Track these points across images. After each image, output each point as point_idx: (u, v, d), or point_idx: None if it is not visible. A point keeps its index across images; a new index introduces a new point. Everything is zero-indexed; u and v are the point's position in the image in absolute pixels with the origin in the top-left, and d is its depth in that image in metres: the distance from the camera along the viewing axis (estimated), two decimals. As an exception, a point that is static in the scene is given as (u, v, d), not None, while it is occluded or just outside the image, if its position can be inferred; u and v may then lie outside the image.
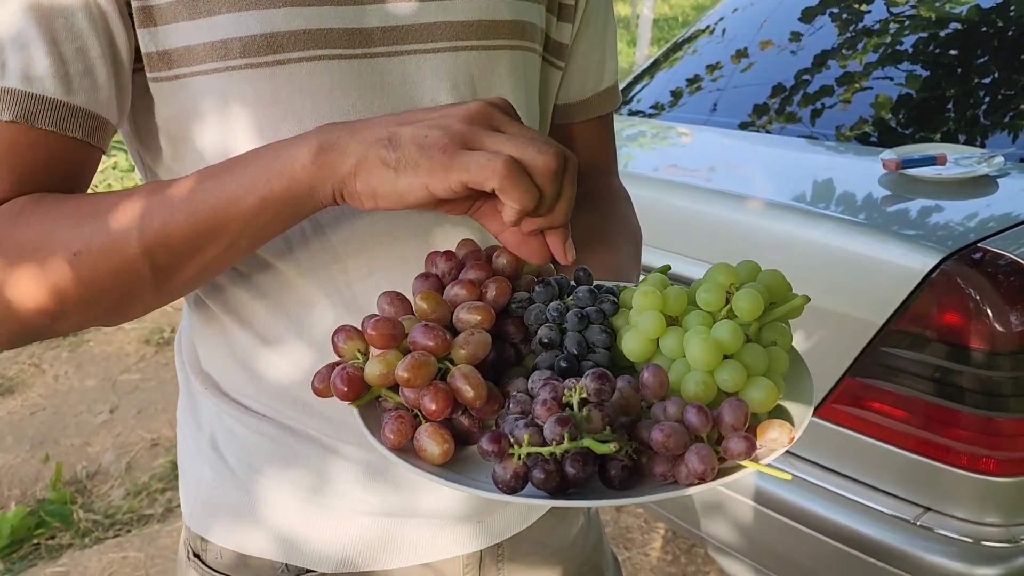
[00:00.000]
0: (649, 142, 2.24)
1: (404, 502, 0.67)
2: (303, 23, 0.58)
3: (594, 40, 0.80)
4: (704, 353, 0.48)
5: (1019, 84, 1.89)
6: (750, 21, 2.61)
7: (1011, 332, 1.18)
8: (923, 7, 2.29)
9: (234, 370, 0.67)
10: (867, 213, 1.41)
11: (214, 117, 0.59)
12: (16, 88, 0.55)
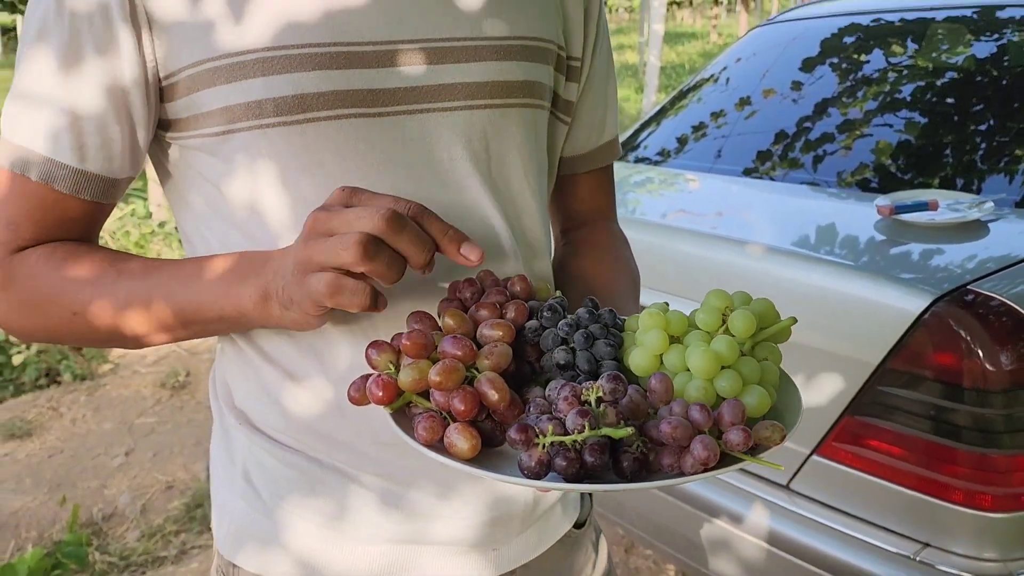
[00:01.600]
0: (655, 188, 2.30)
1: (420, 530, 0.72)
2: (331, 85, 0.65)
3: (597, 98, 0.87)
4: (704, 363, 0.54)
5: (1012, 131, 1.95)
6: (753, 70, 2.70)
7: (1001, 371, 1.22)
8: (920, 57, 2.36)
9: (265, 406, 0.72)
10: (862, 257, 1.47)
11: (249, 170, 0.66)
12: (42, 153, 0.65)
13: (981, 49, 2.29)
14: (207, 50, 0.64)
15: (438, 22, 0.69)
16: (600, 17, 0.85)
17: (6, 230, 0.67)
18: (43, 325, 0.69)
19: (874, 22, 2.60)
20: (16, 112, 0.66)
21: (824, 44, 2.60)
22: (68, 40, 0.64)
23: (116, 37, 0.64)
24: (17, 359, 3.42)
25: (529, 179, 0.75)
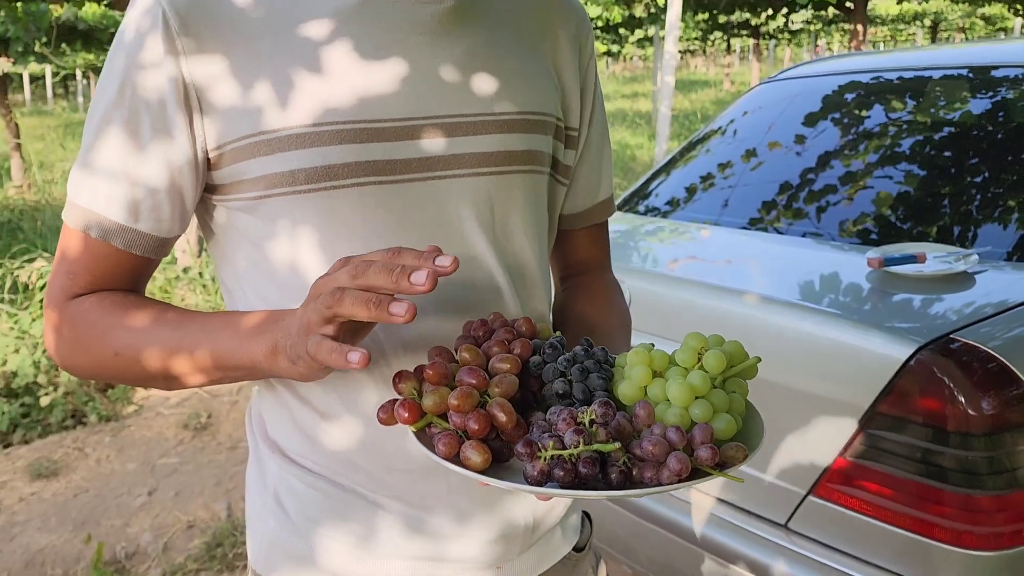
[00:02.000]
0: (664, 239, 2.40)
1: (435, 549, 0.80)
2: (355, 156, 0.74)
3: (593, 162, 0.97)
4: (681, 393, 0.64)
5: (1005, 183, 2.04)
6: (759, 123, 2.80)
7: (983, 415, 1.29)
8: (919, 113, 2.46)
9: (295, 437, 0.82)
10: (853, 307, 1.55)
11: (281, 229, 0.76)
12: (103, 215, 0.76)
13: (976, 106, 2.39)
14: (250, 127, 0.74)
15: (450, 101, 0.78)
16: (595, 92, 0.95)
17: (66, 278, 0.79)
18: (89, 362, 0.79)
19: (874, 80, 2.71)
20: (82, 180, 0.77)
21: (825, 100, 2.71)
22: (129, 122, 0.75)
23: (172, 121, 0.74)
24: (44, 401, 3.53)
25: (529, 236, 0.84)
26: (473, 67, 0.80)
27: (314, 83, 0.74)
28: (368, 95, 0.75)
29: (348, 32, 0.76)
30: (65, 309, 0.79)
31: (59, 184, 8.96)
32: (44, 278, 4.21)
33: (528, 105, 0.83)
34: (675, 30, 6.00)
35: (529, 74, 0.85)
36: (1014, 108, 2.29)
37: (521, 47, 0.85)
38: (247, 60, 0.74)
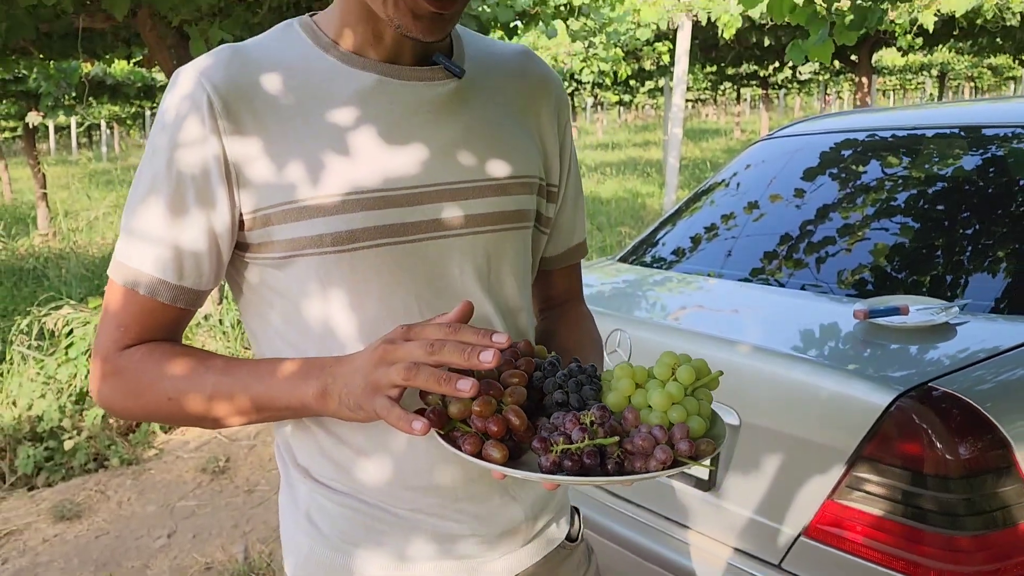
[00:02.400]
0: (669, 289, 2.49)
1: (448, 549, 0.94)
2: (373, 222, 0.87)
3: (569, 212, 1.12)
4: (661, 399, 0.79)
5: (994, 236, 2.14)
6: (761, 176, 2.91)
7: (959, 460, 1.38)
8: (912, 169, 2.57)
9: (322, 462, 0.94)
10: (840, 356, 1.64)
11: (306, 285, 0.88)
12: (150, 273, 0.87)
13: (967, 163, 2.50)
14: (282, 197, 0.86)
15: (453, 169, 0.92)
16: (571, 153, 1.10)
17: (116, 331, 0.89)
18: (141, 407, 0.90)
19: (869, 137, 2.83)
20: (130, 243, 0.88)
21: (823, 156, 2.83)
22: (175, 193, 0.86)
23: (214, 192, 0.86)
24: (68, 444, 3.64)
25: (516, 280, 0.98)
26: (471, 139, 0.93)
27: (338, 159, 0.86)
28: (384, 168, 0.88)
29: (366, 112, 0.88)
30: (117, 360, 0.89)
31: (84, 232, 9.18)
32: (69, 325, 4.35)
33: (518, 170, 0.97)
34: (682, 84, 6.17)
35: (517, 142, 0.98)
36: (1001, 165, 2.39)
37: (509, 120, 0.99)
38: (279, 139, 0.86)
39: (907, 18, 6.12)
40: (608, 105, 29.73)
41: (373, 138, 0.88)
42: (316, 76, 0.89)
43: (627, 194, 11.44)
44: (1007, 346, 1.60)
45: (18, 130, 18.62)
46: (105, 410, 0.95)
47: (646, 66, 10.28)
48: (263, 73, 0.88)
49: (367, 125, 0.88)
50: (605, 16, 4.64)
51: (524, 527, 0.99)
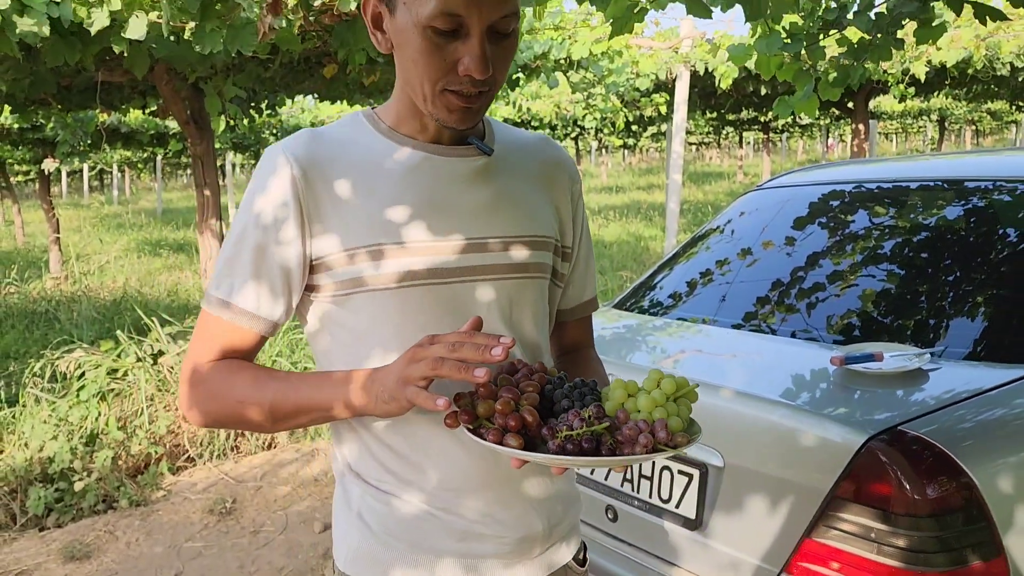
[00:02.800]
0: (665, 336, 2.59)
1: (479, 549, 1.13)
2: (418, 266, 1.09)
3: (580, 272, 1.33)
4: (647, 403, 0.97)
5: (974, 284, 2.24)
6: (755, 224, 3.02)
7: (926, 499, 1.46)
8: (897, 219, 2.68)
9: (373, 466, 1.14)
10: (817, 400, 1.73)
11: (362, 317, 1.10)
12: (233, 303, 1.09)
13: (949, 213, 2.60)
14: (343, 244, 1.08)
15: (482, 227, 1.13)
16: (583, 221, 1.32)
17: (204, 349, 1.11)
18: (217, 408, 1.11)
19: (855, 189, 2.94)
20: (222, 278, 1.10)
21: (812, 207, 2.94)
22: (261, 241, 1.08)
23: (291, 241, 1.08)
24: (79, 486, 3.72)
25: (535, 322, 1.19)
26: (498, 204, 1.16)
27: (390, 216, 1.09)
28: (427, 224, 1.11)
29: (414, 181, 1.11)
30: (202, 371, 1.11)
31: (95, 276, 9.33)
32: (81, 368, 4.46)
33: (536, 230, 1.19)
34: (680, 132, 6.33)
35: (536, 209, 1.20)
36: (980, 217, 2.50)
37: (530, 191, 1.21)
38: (344, 200, 1.09)
39: (899, 68, 6.31)
40: (612, 148, 30.07)
41: (419, 200, 1.11)
42: (375, 153, 1.12)
43: (630, 237, 11.58)
44: (975, 391, 1.69)
45: (31, 173, 18.93)
46: (188, 416, 1.14)
47: (647, 113, 10.49)
48: (334, 150, 1.12)
49: (414, 190, 1.11)
50: (604, 68, 4.81)
51: (540, 538, 1.17)
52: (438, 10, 1.00)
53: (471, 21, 1.01)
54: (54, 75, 3.59)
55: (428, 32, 1.02)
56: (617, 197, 18.59)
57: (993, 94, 9.52)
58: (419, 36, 1.03)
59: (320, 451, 4.24)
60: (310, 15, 2.71)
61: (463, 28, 1.02)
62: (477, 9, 1.00)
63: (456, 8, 1.00)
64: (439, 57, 1.03)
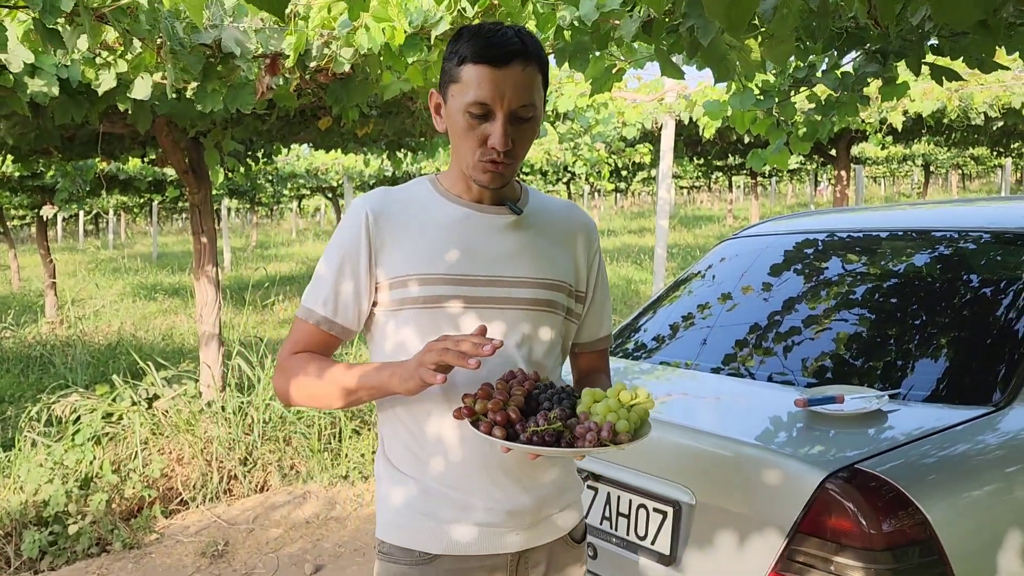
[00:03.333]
0: (640, 381, 2.69)
1: (479, 518, 1.43)
2: (450, 292, 1.42)
3: (596, 313, 1.62)
4: (603, 409, 1.26)
5: (938, 327, 2.35)
6: (734, 269, 3.14)
7: (882, 534, 1.56)
8: (868, 267, 2.80)
9: (399, 452, 1.48)
10: (782, 440, 1.84)
11: (405, 327, 1.44)
12: (316, 310, 1.47)
13: (917, 261, 2.73)
14: (399, 271, 1.43)
15: (509, 269, 1.46)
16: (600, 271, 1.61)
17: (291, 344, 1.49)
18: (299, 386, 1.45)
19: (828, 238, 3.07)
20: (312, 291, 1.48)
21: (786, 255, 3.06)
22: (343, 265, 1.45)
23: (361, 266, 1.44)
24: (73, 529, 3.77)
25: (545, 349, 1.49)
26: (523, 252, 1.48)
27: (437, 254, 1.44)
28: (466, 263, 1.44)
29: (456, 230, 1.46)
30: (290, 359, 1.48)
31: (91, 320, 9.40)
32: (77, 412, 4.53)
33: (553, 274, 1.50)
34: (667, 179, 6.50)
35: (556, 258, 1.52)
36: (946, 265, 2.63)
37: (553, 242, 1.53)
38: (403, 240, 1.45)
39: (877, 117, 6.53)
40: (604, 192, 30.41)
41: (460, 244, 1.45)
42: (431, 207, 1.48)
43: (621, 281, 11.72)
44: (930, 431, 1.80)
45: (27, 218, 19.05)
46: (277, 394, 1.50)
47: (636, 159, 10.72)
48: (400, 203, 1.48)
49: (457, 236, 1.45)
50: (591, 119, 4.99)
51: (529, 512, 1.46)
52: (473, 100, 1.36)
53: (496, 108, 1.37)
54: (59, 129, 3.73)
55: (466, 116, 1.38)
56: (608, 241, 18.80)
57: (973, 141, 9.77)
58: (461, 118, 1.39)
59: (312, 493, 4.30)
60: (306, 74, 2.86)
61: (491, 113, 1.37)
62: (501, 100, 1.36)
63: (485, 99, 1.36)
64: (474, 134, 1.39)
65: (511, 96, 1.36)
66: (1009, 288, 2.31)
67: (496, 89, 1.35)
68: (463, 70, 1.37)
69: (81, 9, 1.82)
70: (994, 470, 1.79)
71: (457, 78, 1.39)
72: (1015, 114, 6.46)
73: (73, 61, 2.57)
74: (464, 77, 1.37)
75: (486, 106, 1.36)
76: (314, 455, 4.53)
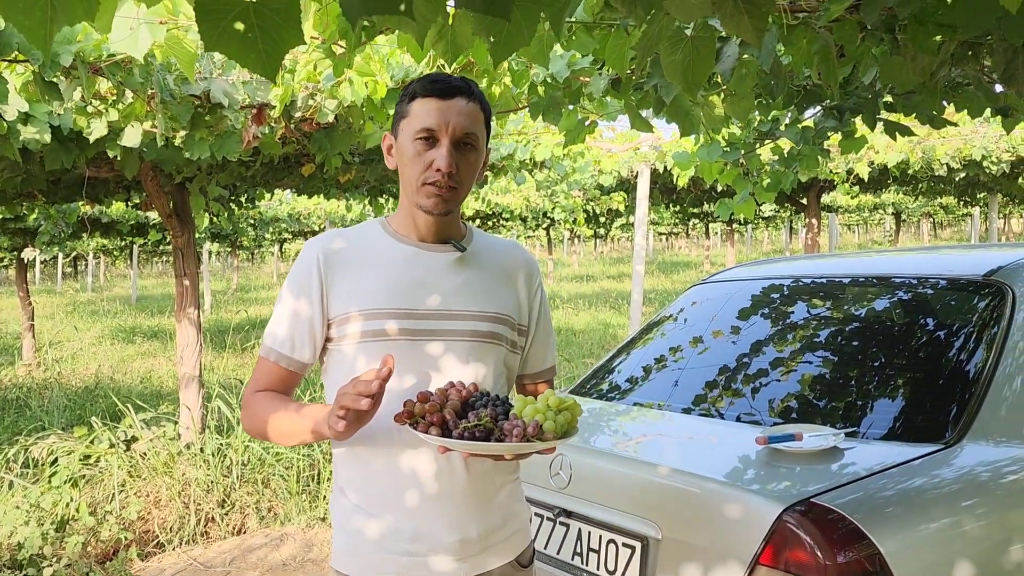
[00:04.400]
0: (609, 421, 2.77)
1: (424, 547, 1.50)
2: (394, 326, 1.50)
3: (540, 345, 1.72)
4: (531, 411, 1.38)
5: (896, 368, 2.46)
6: (705, 313, 3.24)
7: (836, 565, 1.64)
8: (834, 311, 2.91)
9: (354, 485, 1.55)
10: (742, 476, 1.92)
11: (352, 359, 1.52)
12: (274, 348, 1.56)
13: (878, 305, 2.85)
14: (344, 309, 1.52)
15: (453, 303, 1.55)
16: (541, 306, 1.70)
17: (255, 383, 1.57)
18: (257, 424, 1.53)
19: (793, 283, 3.19)
20: (270, 329, 1.57)
21: (754, 299, 3.18)
22: (296, 304, 1.54)
23: (315, 304, 1.53)
24: (47, 572, 3.75)
25: (489, 376, 1.57)
26: (467, 288, 1.57)
27: (384, 290, 1.52)
28: (412, 299, 1.53)
29: (402, 267, 1.55)
30: (252, 398, 1.56)
31: (68, 363, 9.35)
32: (54, 454, 4.53)
33: (496, 308, 1.59)
34: (643, 226, 6.65)
35: (498, 293, 1.60)
36: (905, 309, 2.75)
37: (496, 278, 1.62)
38: (352, 278, 1.54)
39: (844, 168, 6.75)
40: (584, 238, 30.70)
41: (406, 281, 1.54)
42: (379, 246, 1.58)
43: (599, 325, 11.83)
44: (884, 467, 1.89)
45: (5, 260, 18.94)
46: (245, 428, 1.60)
47: (614, 205, 10.93)
48: (350, 244, 1.58)
49: (402, 273, 1.55)
50: (567, 167, 5.14)
51: (478, 539, 1.53)
52: (420, 127, 1.50)
53: (441, 135, 1.50)
54: (45, 173, 3.81)
55: (414, 144, 1.51)
56: (588, 286, 18.96)
57: (940, 191, 10.06)
58: (410, 146, 1.51)
59: (289, 535, 4.31)
60: (291, 124, 2.97)
61: (437, 139, 1.50)
62: (446, 127, 1.50)
63: (432, 124, 1.50)
64: (421, 159, 1.51)
65: (455, 123, 1.49)
66: (960, 331, 2.43)
67: (442, 116, 1.49)
68: (412, 105, 1.52)
69: (79, 63, 1.92)
70: (944, 504, 1.88)
71: (407, 113, 1.53)
72: (976, 166, 6.71)
73: (66, 110, 2.66)
74: (413, 111, 1.52)
75: (432, 131, 1.49)
76: (292, 497, 4.54)
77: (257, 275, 34.17)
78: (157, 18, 1.76)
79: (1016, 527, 1.92)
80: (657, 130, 7.11)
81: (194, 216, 4.40)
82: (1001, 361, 2.18)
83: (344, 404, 1.33)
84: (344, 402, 1.33)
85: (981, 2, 1.28)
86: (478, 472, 1.53)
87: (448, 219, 1.57)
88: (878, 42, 1.79)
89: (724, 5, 1.31)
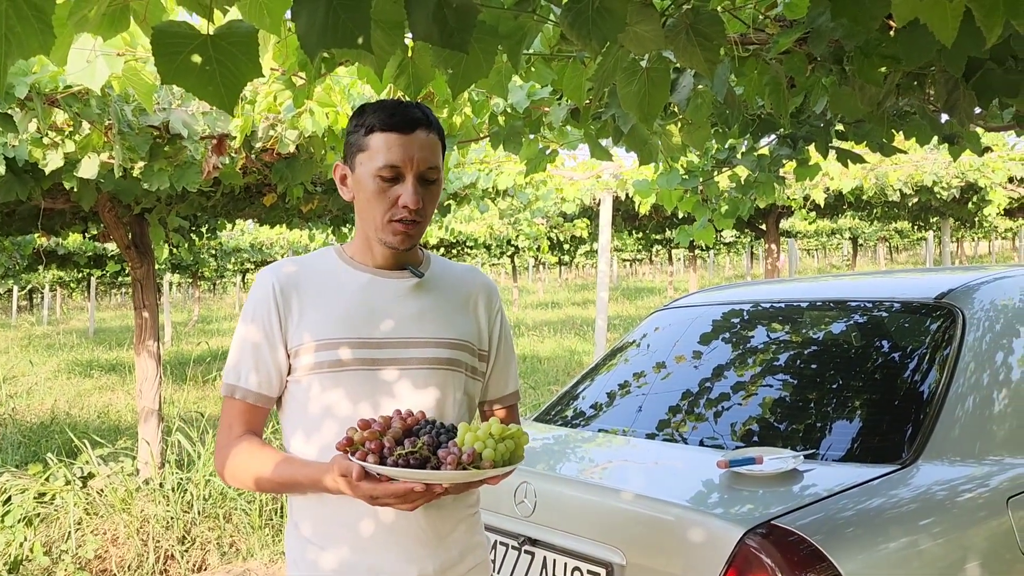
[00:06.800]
0: (572, 447, 2.77)
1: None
2: (352, 356, 1.48)
3: (501, 370, 1.68)
4: (471, 439, 1.32)
5: (853, 391, 2.50)
6: (668, 338, 3.27)
7: (796, 585, 1.65)
8: (793, 334, 2.96)
9: (309, 524, 1.52)
10: (705, 500, 1.94)
11: (311, 391, 1.49)
12: (239, 385, 1.51)
13: (835, 328, 2.90)
14: (302, 340, 1.50)
15: (411, 330, 1.52)
16: (502, 330, 1.67)
17: (228, 429, 1.52)
18: (238, 474, 1.49)
19: (753, 307, 3.23)
20: (231, 368, 1.52)
21: (715, 324, 3.22)
22: (256, 339, 1.50)
23: (276, 337, 1.50)
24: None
25: (449, 404, 1.54)
26: (425, 314, 1.55)
27: (341, 319, 1.50)
28: (370, 327, 1.51)
29: (359, 295, 1.52)
30: (228, 447, 1.50)
31: (23, 398, 9.12)
32: (7, 492, 4.40)
33: (455, 334, 1.56)
34: (606, 253, 6.72)
35: (457, 319, 1.57)
36: (862, 332, 2.80)
37: (455, 304, 1.59)
38: (309, 308, 1.51)
39: (801, 194, 6.92)
40: (549, 265, 30.83)
41: (363, 309, 1.51)
42: (336, 275, 1.55)
43: (564, 352, 11.86)
44: (842, 488, 1.92)
45: (-43, 294, 18.45)
46: (221, 478, 1.53)
47: (578, 232, 11.02)
48: (306, 272, 1.55)
49: (360, 301, 1.52)
50: (530, 195, 5.18)
51: (433, 575, 1.49)
52: (384, 163, 1.46)
53: (406, 171, 1.47)
54: (0, 204, 3.75)
55: (376, 180, 1.47)
56: (553, 313, 19.01)
57: (894, 216, 10.30)
58: (372, 183, 1.48)
59: (251, 571, 4.23)
60: (252, 154, 2.96)
61: (402, 176, 1.47)
62: (410, 163, 1.47)
63: (396, 161, 1.46)
64: (385, 197, 1.48)
65: (419, 159, 1.47)
66: (914, 353, 2.49)
67: (405, 153, 1.46)
68: (371, 139, 1.47)
69: (34, 95, 1.90)
70: (902, 524, 1.91)
71: (365, 147, 1.48)
72: (927, 191, 6.90)
73: (21, 141, 2.63)
74: (373, 145, 1.47)
75: (396, 168, 1.46)
76: (255, 531, 4.46)
77: (219, 306, 33.72)
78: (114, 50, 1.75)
79: (971, 545, 1.96)
80: (618, 158, 7.21)
81: (153, 247, 4.35)
82: (953, 382, 2.23)
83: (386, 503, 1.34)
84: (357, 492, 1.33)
85: (921, 36, 1.34)
86: (434, 505, 1.46)
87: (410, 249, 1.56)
88: (827, 73, 1.85)
89: (677, 38, 1.34)
